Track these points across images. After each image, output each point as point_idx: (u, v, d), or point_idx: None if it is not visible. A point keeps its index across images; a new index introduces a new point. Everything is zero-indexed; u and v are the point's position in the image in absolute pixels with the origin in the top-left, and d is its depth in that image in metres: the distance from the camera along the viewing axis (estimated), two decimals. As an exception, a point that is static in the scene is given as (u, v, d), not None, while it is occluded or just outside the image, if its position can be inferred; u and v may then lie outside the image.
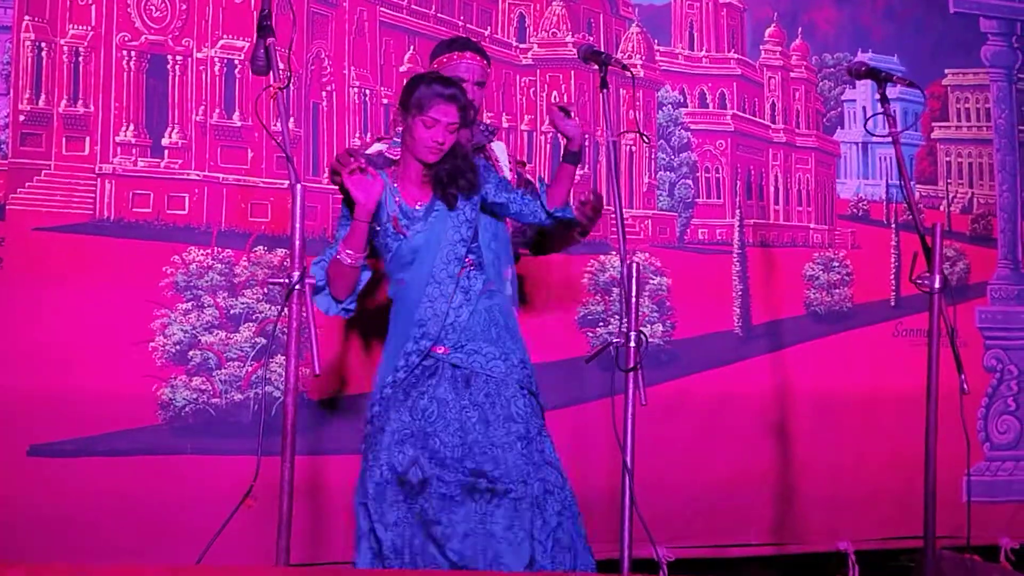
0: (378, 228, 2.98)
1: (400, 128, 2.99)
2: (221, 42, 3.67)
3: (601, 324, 4.14)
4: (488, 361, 2.98)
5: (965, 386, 3.27)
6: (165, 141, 3.60)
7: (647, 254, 4.24)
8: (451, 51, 3.30)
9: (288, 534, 2.62)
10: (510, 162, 3.55)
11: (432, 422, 2.92)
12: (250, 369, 3.65)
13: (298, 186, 2.62)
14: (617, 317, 4.12)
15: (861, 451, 4.41)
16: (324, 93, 3.82)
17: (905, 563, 4.48)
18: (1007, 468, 4.68)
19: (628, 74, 3.27)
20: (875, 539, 4.43)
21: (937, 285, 3.24)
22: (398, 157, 3.04)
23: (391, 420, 2.92)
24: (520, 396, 2.98)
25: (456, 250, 3.00)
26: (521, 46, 4.15)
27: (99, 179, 3.52)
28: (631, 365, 3.01)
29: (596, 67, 3.22)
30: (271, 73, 2.72)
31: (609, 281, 4.17)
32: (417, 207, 2.99)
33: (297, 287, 2.60)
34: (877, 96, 3.42)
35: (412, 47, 3.96)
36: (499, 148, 3.59)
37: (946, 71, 4.76)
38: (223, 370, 3.63)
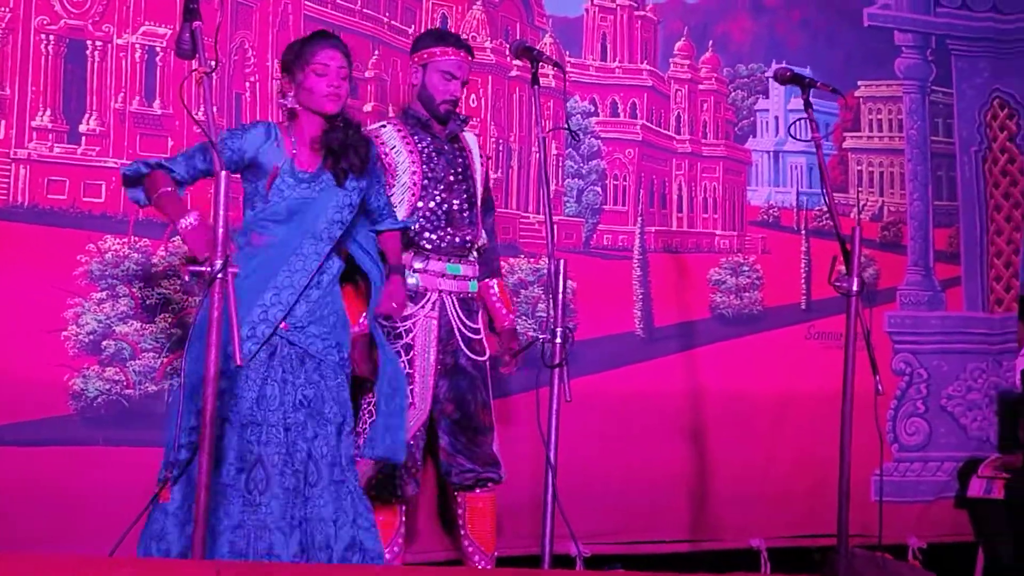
0: (252, 179, 2.99)
1: (291, 96, 3.01)
2: (142, 28, 3.64)
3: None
4: (324, 347, 2.99)
5: (880, 387, 3.35)
6: (83, 128, 3.55)
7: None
8: (445, 45, 3.47)
9: (205, 526, 2.57)
10: (480, 155, 3.64)
11: (273, 410, 2.93)
12: (165, 360, 3.61)
13: (222, 174, 2.57)
14: (526, 317, 4.17)
15: (773, 451, 4.51)
16: (247, 84, 3.81)
17: (817, 560, 4.57)
18: (915, 469, 4.81)
19: (559, 70, 3.39)
20: (786, 536, 4.52)
21: (855, 288, 3.32)
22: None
23: (239, 404, 2.90)
24: (345, 387, 3.04)
25: (331, 230, 3.01)
26: (444, 46, 4.18)
27: (13, 164, 3.46)
28: (556, 361, 3.05)
29: (527, 64, 3.31)
30: (196, 57, 2.68)
31: (518, 283, 4.21)
32: (306, 171, 3.01)
33: (219, 276, 2.55)
34: (800, 102, 3.50)
35: (336, 42, 3.97)
36: (471, 139, 3.67)
37: (859, 83, 4.90)
38: (137, 361, 3.59)
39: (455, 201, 3.52)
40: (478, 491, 3.56)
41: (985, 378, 4.93)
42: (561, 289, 3.11)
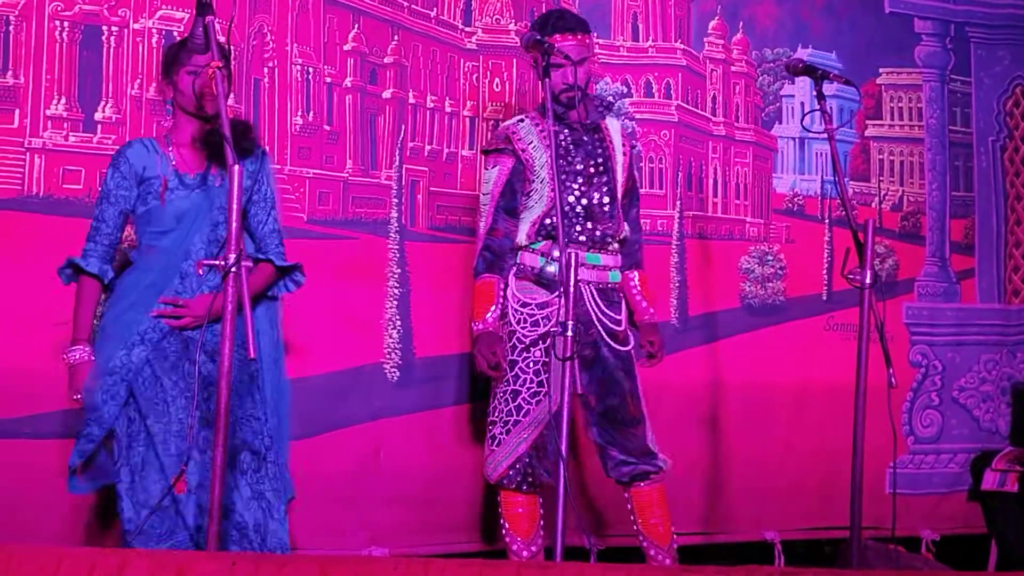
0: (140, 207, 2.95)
1: (170, 98, 2.98)
2: (159, 13, 3.53)
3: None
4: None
5: (893, 380, 3.32)
6: (98, 115, 3.45)
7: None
8: (553, 32, 3.37)
9: (219, 520, 2.59)
10: (624, 143, 3.57)
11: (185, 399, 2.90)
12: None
13: (236, 167, 2.57)
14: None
15: (790, 443, 4.47)
16: (265, 69, 3.71)
17: (828, 552, 4.57)
18: (929, 461, 4.79)
19: (570, 63, 3.29)
20: (800, 529, 4.50)
21: (868, 280, 3.28)
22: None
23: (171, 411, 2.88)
24: (260, 376, 3.00)
25: (218, 232, 2.93)
26: (467, 29, 4.09)
27: (28, 153, 3.36)
28: (568, 354, 2.99)
29: (538, 56, 3.22)
30: (210, 52, 2.68)
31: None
32: (190, 174, 2.95)
33: (233, 269, 2.57)
34: (814, 93, 3.46)
35: (356, 26, 3.87)
36: (614, 127, 3.60)
37: (880, 70, 4.83)
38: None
39: (595, 195, 3.48)
40: (641, 484, 3.52)
41: (999, 370, 4.91)
42: (572, 282, 3.03)
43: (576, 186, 3.47)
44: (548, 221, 3.43)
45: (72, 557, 2.28)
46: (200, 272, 2.88)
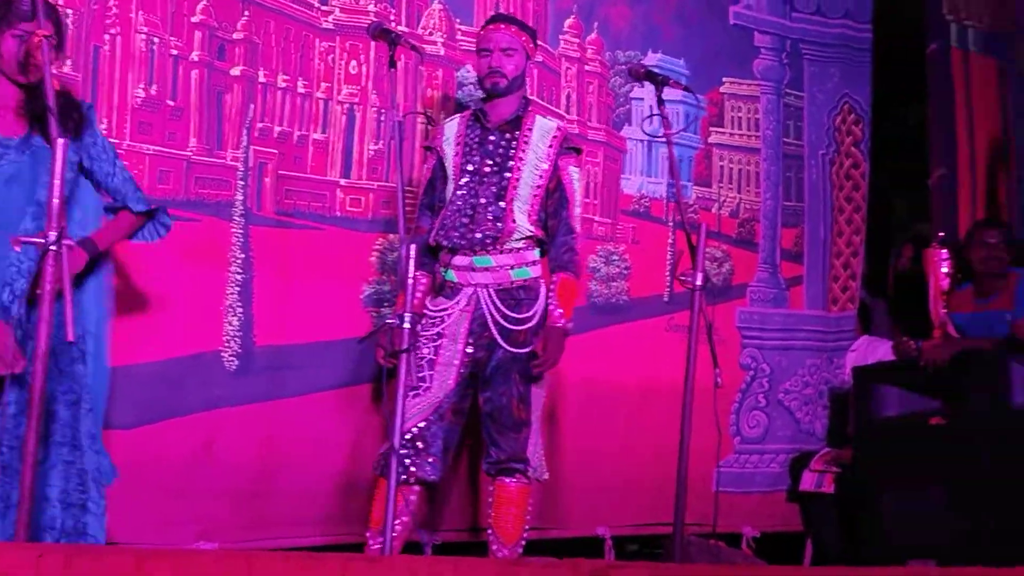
0: None
1: None
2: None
3: (387, 304, 4.01)
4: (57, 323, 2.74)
5: (719, 379, 3.44)
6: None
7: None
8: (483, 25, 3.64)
9: (28, 508, 2.51)
10: (553, 145, 3.59)
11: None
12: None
13: (60, 141, 2.49)
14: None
15: (629, 441, 4.53)
16: (107, 36, 3.46)
17: (653, 549, 4.67)
18: (753, 461, 4.95)
19: (417, 54, 3.40)
20: (633, 525, 4.58)
21: (698, 283, 3.36)
22: None
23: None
24: (79, 363, 2.89)
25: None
26: (323, 8, 3.93)
27: None
28: (405, 346, 2.98)
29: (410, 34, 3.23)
30: (37, 19, 2.58)
31: (397, 260, 4.05)
32: (12, 137, 2.81)
33: (53, 248, 2.48)
34: (675, 93, 3.54)
35: (206, -2, 3.67)
36: (541, 126, 3.62)
37: (724, 79, 4.95)
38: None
39: (482, 196, 3.45)
40: (506, 479, 3.52)
41: (819, 374, 5.12)
42: (411, 273, 3.02)
43: (467, 185, 3.48)
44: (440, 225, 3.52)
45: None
46: (17, 248, 2.67)
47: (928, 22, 5.39)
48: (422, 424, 3.45)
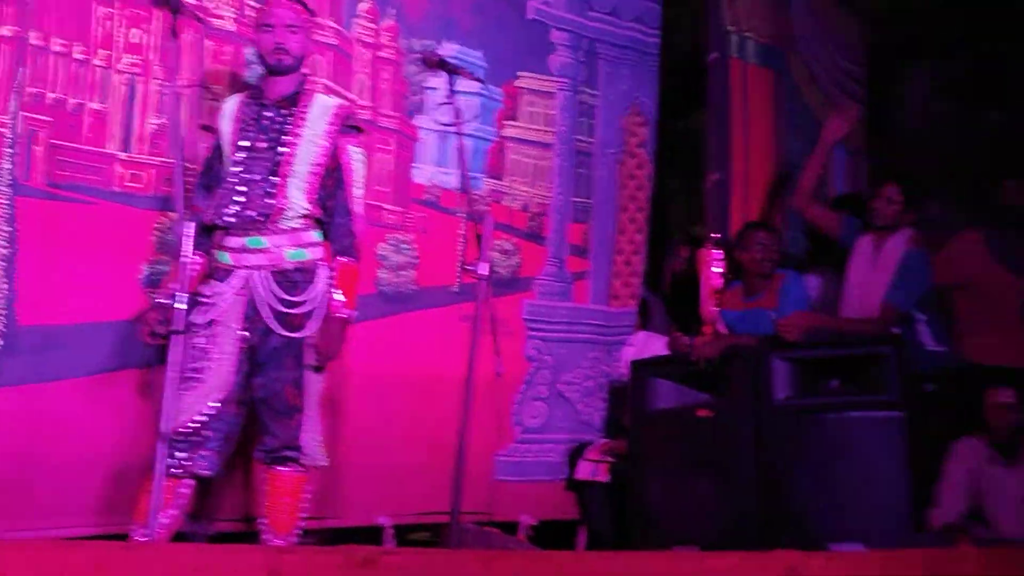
0: None
1: None
2: None
3: (166, 285, 3.84)
4: None
5: (500, 369, 3.52)
6: None
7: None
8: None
9: None
10: (333, 122, 3.51)
11: None
12: None
13: None
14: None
15: (413, 429, 4.51)
16: None
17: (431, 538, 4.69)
18: (534, 451, 5.04)
19: (203, 25, 3.40)
20: (415, 513, 4.57)
21: (484, 272, 3.42)
22: None
23: None
24: None
25: None
26: (105, -27, 3.74)
27: None
28: (177, 327, 2.94)
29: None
30: None
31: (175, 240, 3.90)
32: None
33: None
34: (472, 85, 3.56)
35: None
36: (322, 103, 3.54)
37: (520, 73, 5.01)
38: None
39: (256, 171, 3.35)
40: (279, 468, 3.43)
41: (599, 367, 5.27)
42: (188, 252, 3.00)
43: (241, 162, 3.40)
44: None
45: None
46: None
47: (710, 32, 5.60)
48: (199, 418, 3.34)
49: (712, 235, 4.67)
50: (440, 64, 3.60)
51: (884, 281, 4.47)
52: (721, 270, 4.51)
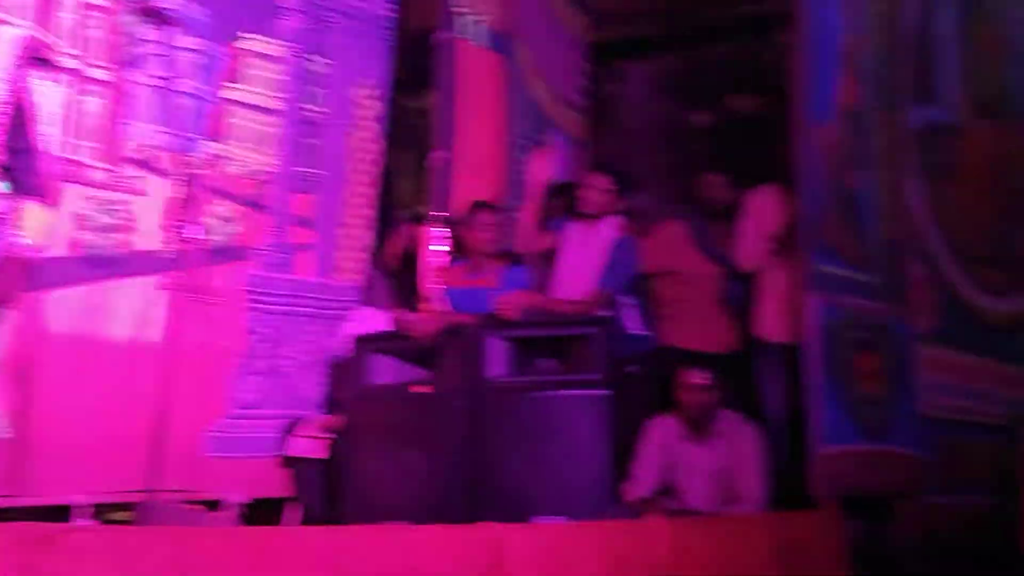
0: None
1: None
2: None
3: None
4: None
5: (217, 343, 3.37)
6: None
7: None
8: None
9: None
10: None
11: None
12: None
13: None
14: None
15: (119, 402, 4.28)
16: None
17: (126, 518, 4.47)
18: (248, 426, 4.90)
19: None
20: (120, 492, 4.33)
21: (196, 238, 3.30)
22: None
23: None
24: None
25: None
26: None
27: None
28: None
29: None
30: None
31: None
32: None
33: None
34: (191, 41, 3.39)
35: None
36: None
37: (245, 35, 4.82)
38: None
39: None
40: None
41: (319, 341, 5.18)
42: None
43: None
44: None
45: None
46: None
47: (439, 11, 5.60)
48: None
49: (433, 213, 4.68)
50: (157, 15, 3.39)
51: (594, 266, 4.62)
52: (445, 248, 4.54)
